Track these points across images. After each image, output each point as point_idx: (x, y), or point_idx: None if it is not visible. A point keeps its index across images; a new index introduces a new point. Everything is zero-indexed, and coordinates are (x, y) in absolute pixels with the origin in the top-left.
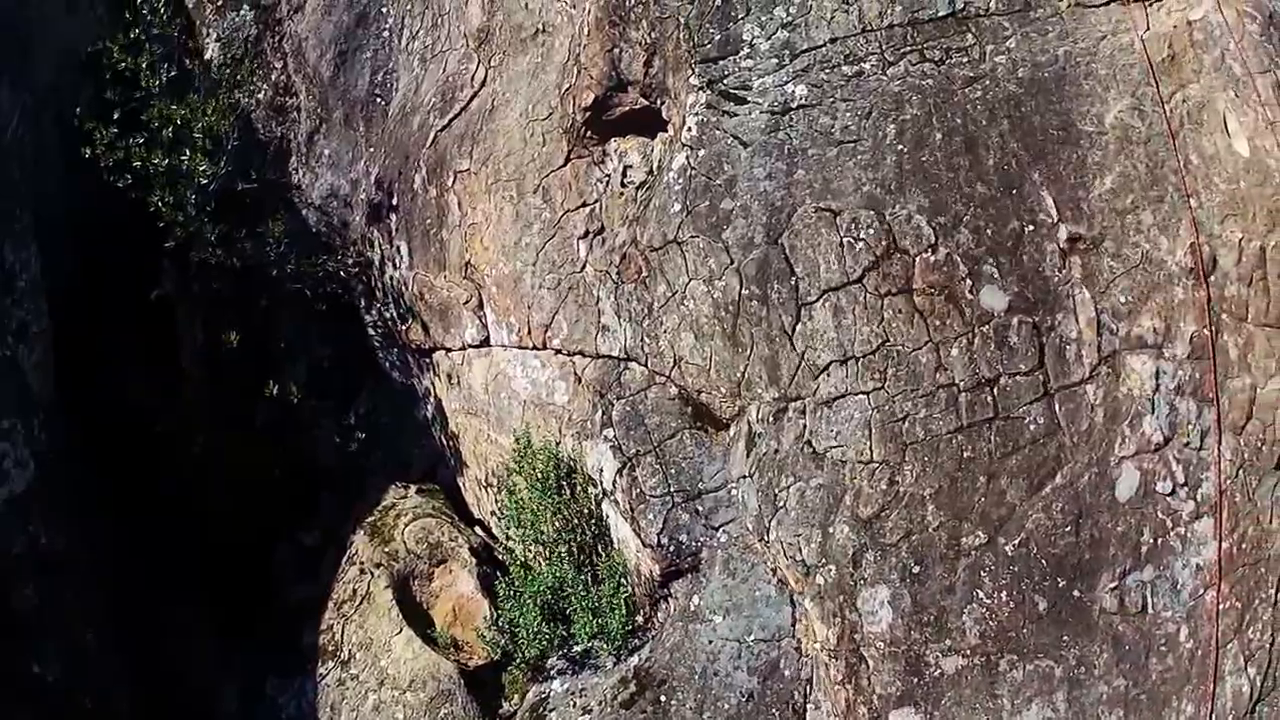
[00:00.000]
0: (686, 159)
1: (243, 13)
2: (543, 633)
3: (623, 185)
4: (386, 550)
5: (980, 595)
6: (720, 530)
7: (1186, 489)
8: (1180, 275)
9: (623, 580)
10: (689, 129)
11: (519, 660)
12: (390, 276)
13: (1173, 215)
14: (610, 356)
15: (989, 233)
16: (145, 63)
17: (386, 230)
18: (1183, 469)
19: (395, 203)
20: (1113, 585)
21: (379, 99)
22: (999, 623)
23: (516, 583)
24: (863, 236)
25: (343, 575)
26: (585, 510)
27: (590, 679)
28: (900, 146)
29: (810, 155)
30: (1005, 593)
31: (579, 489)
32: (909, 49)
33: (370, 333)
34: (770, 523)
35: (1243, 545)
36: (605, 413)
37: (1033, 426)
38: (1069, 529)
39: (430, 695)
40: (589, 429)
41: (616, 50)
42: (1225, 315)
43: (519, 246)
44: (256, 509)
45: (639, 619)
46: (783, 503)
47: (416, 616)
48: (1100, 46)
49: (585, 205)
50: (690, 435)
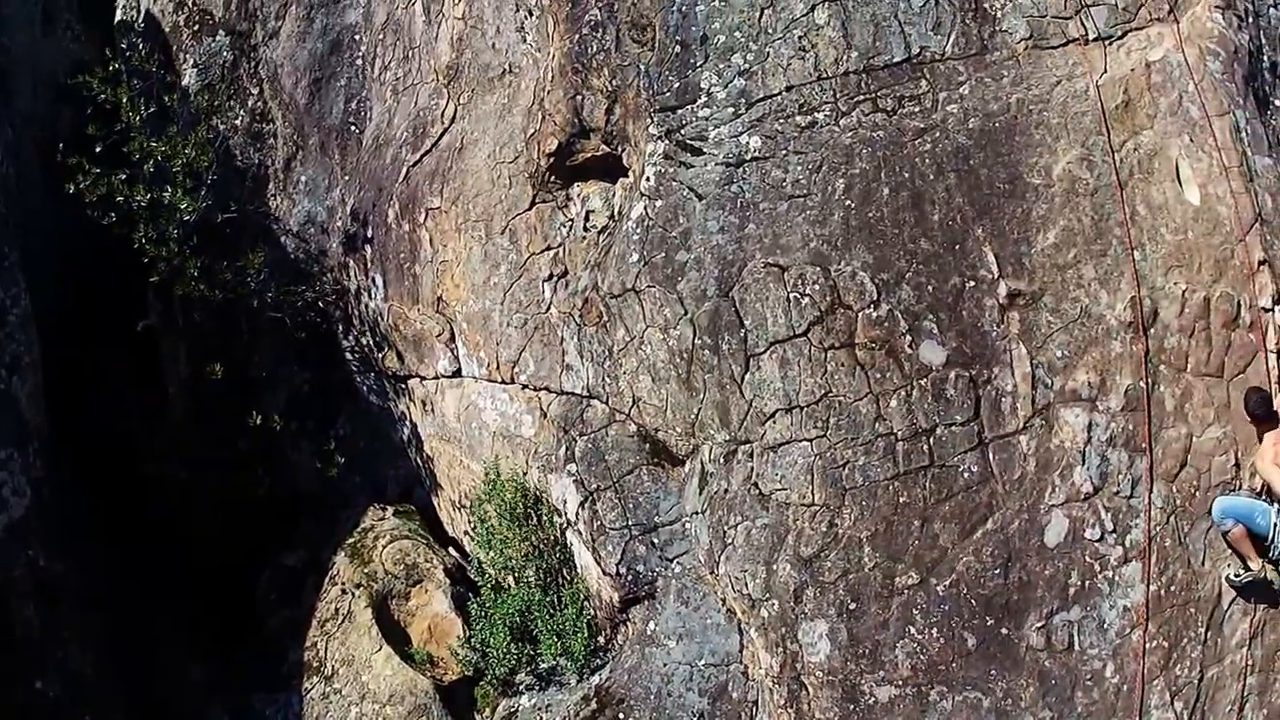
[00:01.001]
0: (645, 209)
1: (219, 38)
2: (511, 652)
3: (585, 229)
4: (366, 571)
5: (912, 631)
6: (674, 562)
7: (1115, 535)
8: (1119, 329)
9: (585, 604)
10: (647, 178)
11: (490, 676)
12: (366, 306)
13: (1115, 269)
14: (573, 394)
15: (930, 289)
16: (125, 96)
17: (362, 261)
18: (1112, 517)
19: (370, 235)
20: (1040, 624)
21: (353, 127)
22: (930, 656)
23: (487, 604)
24: (808, 292)
25: (325, 595)
26: (551, 538)
27: (556, 695)
28: (848, 202)
29: (761, 209)
30: (936, 629)
31: (545, 518)
32: (862, 97)
33: (348, 358)
34: (720, 557)
35: (1172, 588)
36: (569, 448)
37: (966, 475)
38: (998, 571)
39: (408, 709)
40: (554, 463)
41: (579, 97)
42: (1164, 366)
43: (487, 285)
44: (241, 532)
45: (600, 640)
46: (731, 540)
47: (395, 634)
48: (1054, 93)
49: (550, 249)
50: (648, 471)
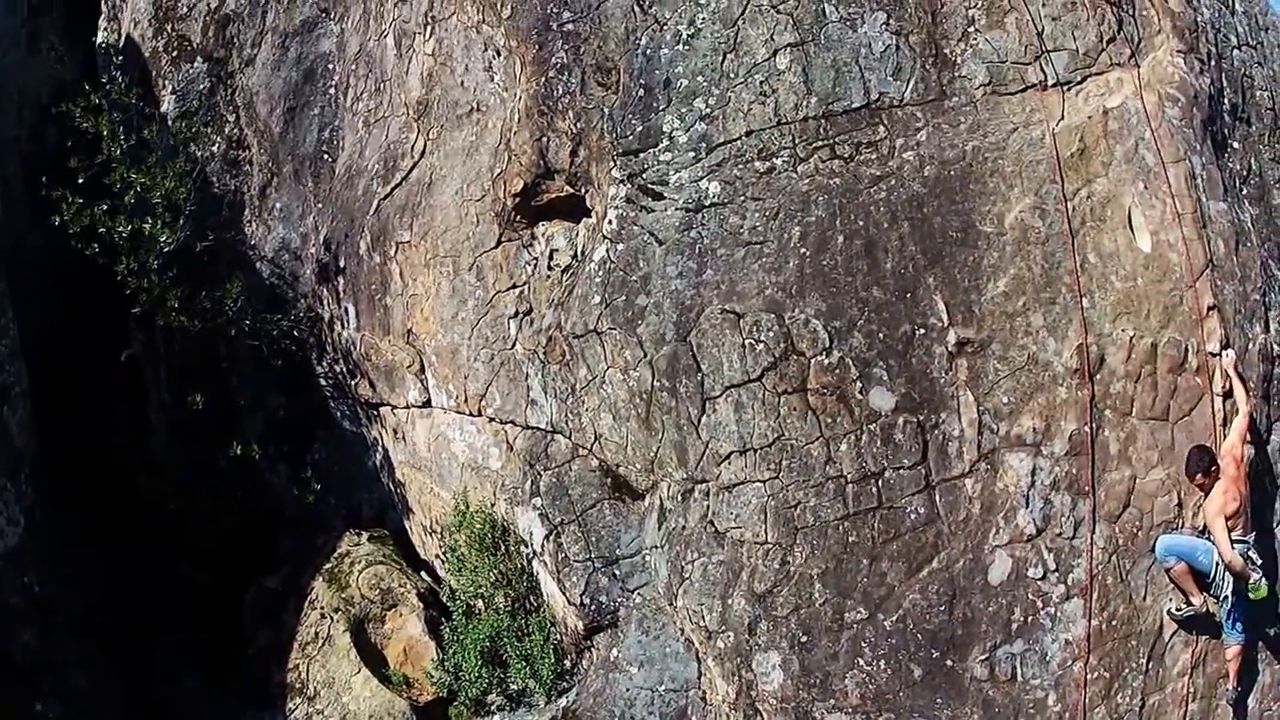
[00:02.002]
0: (606, 251)
1: (197, 65)
2: (482, 675)
3: (549, 268)
4: (343, 596)
5: (861, 662)
6: (635, 593)
7: (1057, 574)
8: (1065, 375)
9: (552, 630)
10: (610, 221)
11: (463, 698)
12: (339, 334)
13: (1063, 316)
14: (538, 428)
15: (881, 336)
16: (105, 129)
17: (335, 291)
18: (1054, 557)
19: (342, 265)
20: (983, 657)
21: (326, 155)
22: (878, 686)
23: (459, 628)
24: (763, 339)
25: (305, 619)
26: (519, 566)
27: (526, 716)
28: (803, 250)
29: (719, 255)
30: (884, 661)
31: (512, 548)
32: (821, 144)
33: (322, 384)
34: (678, 590)
35: (1114, 622)
36: (534, 482)
37: (913, 515)
38: (943, 608)
39: None
40: (520, 495)
41: (544, 139)
42: (1109, 411)
43: (455, 320)
44: (226, 551)
45: (567, 664)
46: (688, 574)
47: (372, 656)
48: (1010, 141)
49: (515, 286)
50: (610, 505)
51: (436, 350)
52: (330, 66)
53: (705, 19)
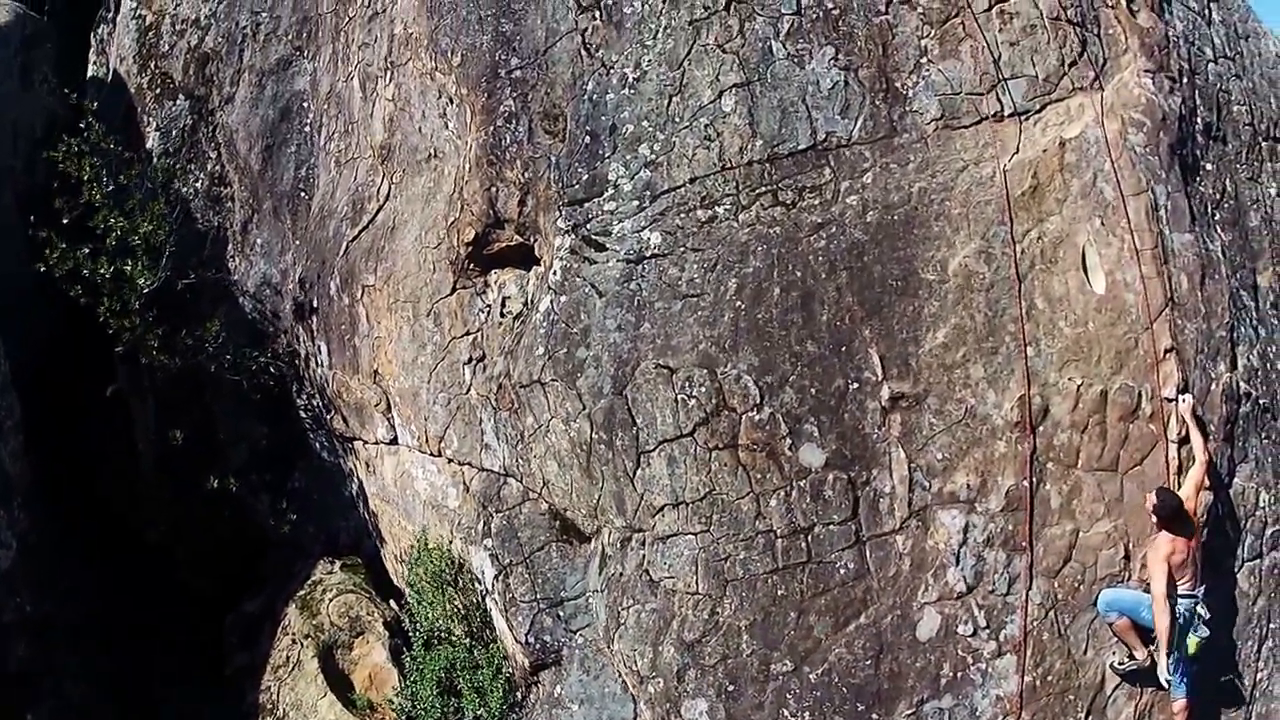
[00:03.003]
0: (551, 303)
1: (179, 102)
2: (437, 705)
3: (501, 315)
4: (314, 622)
5: (785, 714)
6: (578, 634)
7: (989, 631)
8: (1004, 429)
9: (504, 664)
10: (554, 272)
11: None
12: (314, 370)
13: (1005, 367)
14: (492, 471)
15: (813, 391)
16: (87, 176)
17: (309, 328)
18: (985, 614)
19: (315, 304)
20: (910, 712)
21: (303, 193)
22: None
23: (418, 658)
24: (695, 394)
25: (278, 643)
26: (474, 601)
27: None
28: (739, 303)
29: (657, 309)
30: (809, 713)
31: (468, 584)
32: (764, 189)
33: (302, 416)
34: (614, 635)
35: (1049, 677)
36: (486, 523)
37: (842, 571)
38: (869, 662)
39: None
40: (474, 535)
41: (494, 188)
42: (1051, 464)
43: (415, 364)
44: (211, 578)
45: (517, 696)
46: (624, 620)
47: (339, 682)
48: (958, 180)
49: (469, 333)
50: (557, 548)
51: (399, 391)
52: (305, 105)
53: (651, 61)
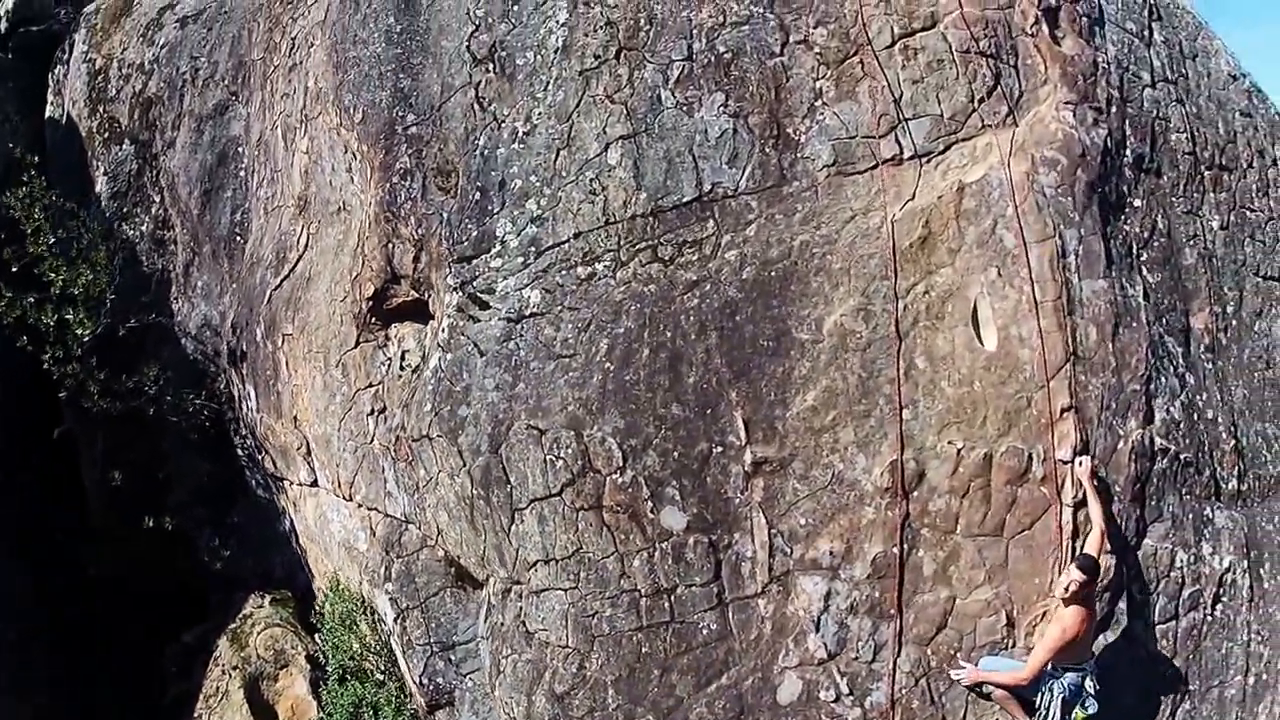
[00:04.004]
0: (438, 360)
1: (125, 147)
2: None
3: (401, 369)
4: (242, 655)
5: None
6: (468, 676)
7: (853, 698)
8: (874, 494)
9: (406, 702)
10: (443, 329)
11: None
12: (246, 412)
13: (878, 430)
14: (394, 517)
15: (676, 455)
16: (31, 228)
17: (240, 372)
18: (848, 681)
19: (245, 349)
20: None
21: (239, 237)
22: None
23: (332, 693)
24: (562, 455)
25: (210, 673)
26: (379, 640)
27: None
28: (608, 365)
29: (531, 369)
30: None
31: (374, 624)
32: (644, 245)
33: (239, 454)
34: (495, 681)
35: None
36: (388, 567)
37: (705, 631)
38: None
39: None
40: (377, 578)
41: (390, 245)
42: (926, 530)
43: (327, 412)
44: (158, 611)
45: None
46: (503, 668)
47: (265, 712)
48: (843, 232)
49: (371, 385)
50: (451, 594)
51: (314, 438)
52: (240, 150)
53: (541, 114)
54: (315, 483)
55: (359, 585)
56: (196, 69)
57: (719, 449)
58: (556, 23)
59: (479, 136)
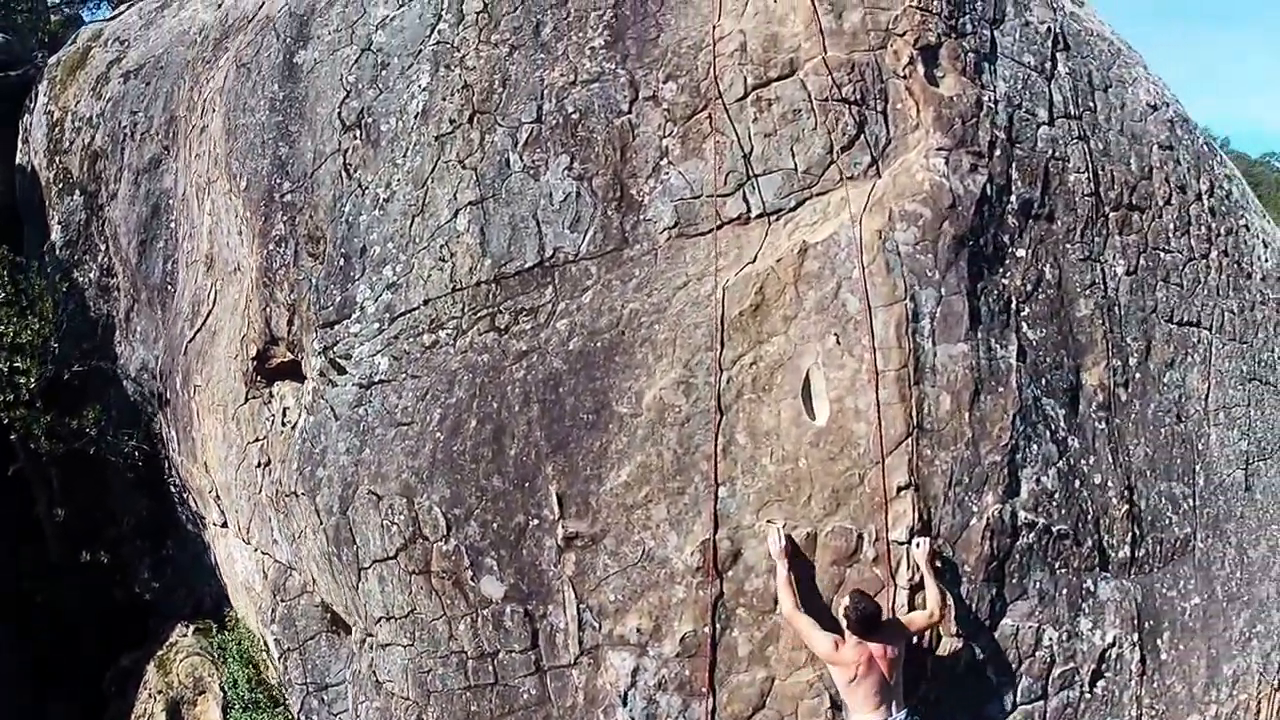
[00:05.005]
0: (304, 421)
1: (75, 197)
2: None
3: (283, 425)
4: (166, 680)
5: None
6: (338, 717)
7: None
8: (685, 573)
9: None
10: (308, 392)
11: None
12: (172, 453)
13: (692, 508)
14: (281, 563)
15: (495, 526)
16: None
17: (165, 416)
18: None
19: (169, 396)
20: None
21: (170, 286)
22: None
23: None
24: (396, 521)
25: (139, 697)
26: (274, 676)
27: None
28: (439, 434)
29: (377, 435)
30: None
31: (268, 661)
32: (485, 312)
33: (171, 490)
34: None
35: None
36: (274, 610)
37: (526, 695)
38: None
39: None
40: (266, 619)
41: (269, 309)
42: (741, 609)
43: (226, 461)
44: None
45: None
46: (360, 714)
47: None
48: (674, 300)
49: (259, 440)
50: (326, 638)
51: (219, 484)
52: (170, 203)
53: (400, 180)
54: (225, 524)
55: (255, 623)
56: (135, 123)
57: (535, 521)
58: (419, 87)
59: (345, 203)
